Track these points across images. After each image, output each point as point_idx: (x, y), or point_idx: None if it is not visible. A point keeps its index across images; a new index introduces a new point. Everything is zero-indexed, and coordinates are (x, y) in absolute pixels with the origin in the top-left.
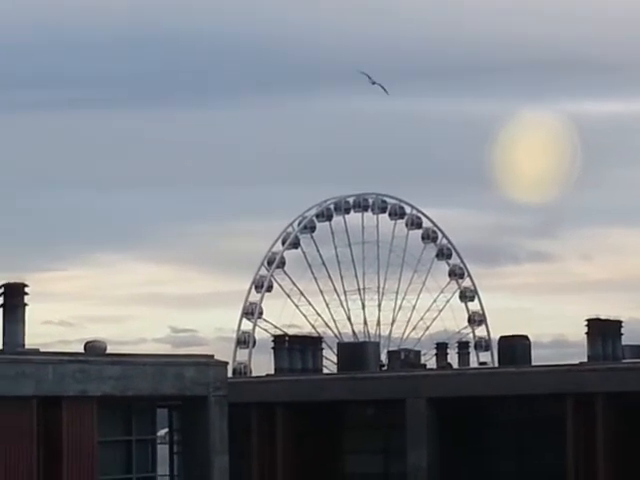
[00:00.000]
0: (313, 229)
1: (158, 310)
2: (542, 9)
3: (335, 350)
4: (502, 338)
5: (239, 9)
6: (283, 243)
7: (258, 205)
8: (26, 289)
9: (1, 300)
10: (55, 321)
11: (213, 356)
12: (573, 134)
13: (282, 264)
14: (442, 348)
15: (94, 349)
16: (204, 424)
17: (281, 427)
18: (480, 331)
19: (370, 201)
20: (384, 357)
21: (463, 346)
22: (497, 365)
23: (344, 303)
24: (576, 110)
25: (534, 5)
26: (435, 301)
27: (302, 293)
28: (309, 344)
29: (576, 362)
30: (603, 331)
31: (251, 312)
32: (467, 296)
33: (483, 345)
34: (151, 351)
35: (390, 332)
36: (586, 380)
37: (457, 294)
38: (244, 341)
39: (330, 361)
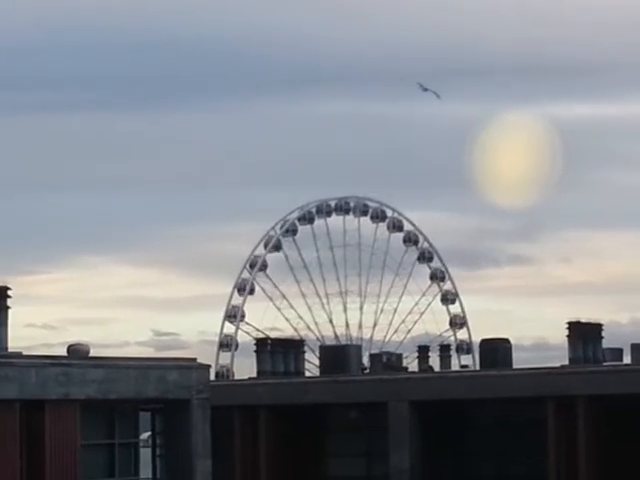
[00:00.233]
0: (295, 232)
1: (141, 313)
2: (524, 12)
3: (317, 353)
4: (483, 341)
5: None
6: (265, 246)
7: (240, 208)
8: (9, 292)
9: None
10: (38, 324)
11: (196, 359)
12: (554, 137)
13: (264, 267)
14: (424, 351)
15: (77, 352)
16: (187, 427)
17: (264, 430)
18: (461, 334)
19: (351, 204)
20: (366, 360)
21: (445, 349)
22: (478, 368)
23: (326, 306)
24: (556, 113)
25: (516, 9)
26: (417, 304)
27: (284, 296)
28: (291, 347)
29: (557, 365)
30: (584, 334)
31: (233, 315)
32: (448, 299)
33: (464, 348)
34: (134, 354)
35: (372, 335)
36: (567, 383)
37: (438, 297)
38: (226, 344)
39: (312, 364)
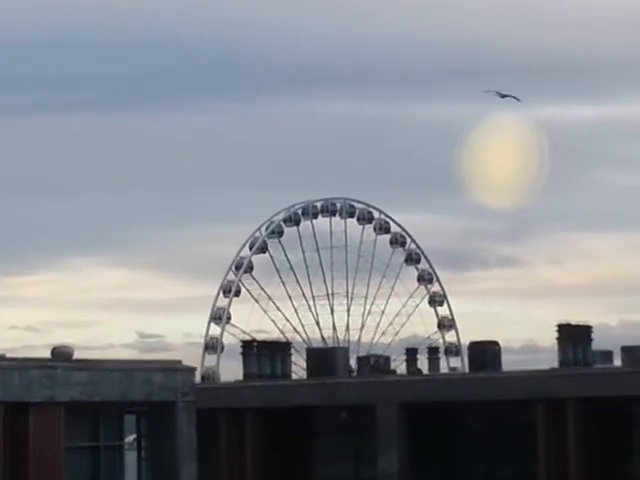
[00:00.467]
0: (281, 234)
1: (125, 315)
2: (524, 12)
3: (304, 355)
4: (472, 343)
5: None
6: (251, 248)
7: (225, 210)
8: None
9: None
10: (21, 326)
11: (181, 362)
12: (543, 138)
13: (250, 269)
14: (412, 353)
15: (61, 355)
16: (172, 430)
17: (250, 433)
18: (450, 336)
19: (338, 206)
20: (353, 363)
21: (433, 351)
22: (467, 370)
23: (312, 308)
24: (546, 114)
25: (516, 9)
26: (404, 306)
27: (270, 298)
28: (278, 349)
29: (546, 368)
30: (573, 336)
31: (219, 317)
32: (436, 301)
33: (453, 350)
34: (118, 357)
35: (359, 337)
36: (557, 386)
37: (426, 299)
38: (212, 346)
39: (299, 367)
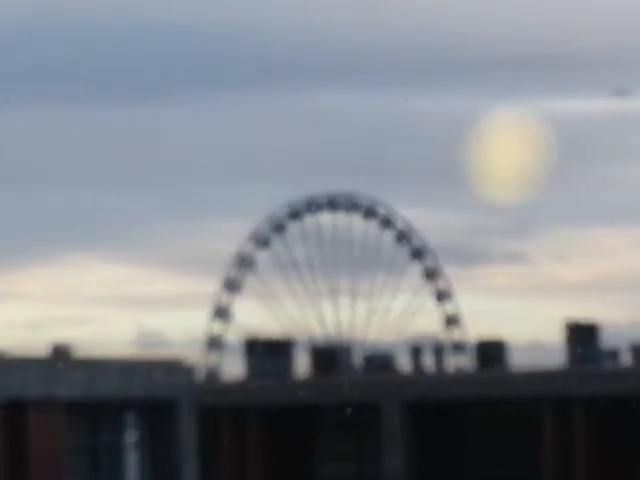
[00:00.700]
0: (284, 229)
1: (126, 312)
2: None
3: (308, 353)
4: (478, 341)
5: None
6: (253, 243)
7: (228, 204)
8: None
9: None
10: (20, 323)
11: (182, 359)
12: (549, 132)
13: (253, 265)
14: (417, 351)
15: (60, 352)
16: (173, 429)
17: (253, 431)
18: (456, 334)
19: (342, 201)
20: (358, 360)
21: (439, 349)
22: (473, 369)
23: (316, 305)
24: (552, 108)
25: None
26: (410, 303)
27: (273, 295)
28: (281, 347)
29: (554, 366)
30: (581, 334)
31: (221, 314)
32: (442, 298)
33: (459, 348)
34: (119, 354)
35: (364, 335)
36: (564, 384)
37: (432, 296)
38: (214, 344)
39: (303, 365)
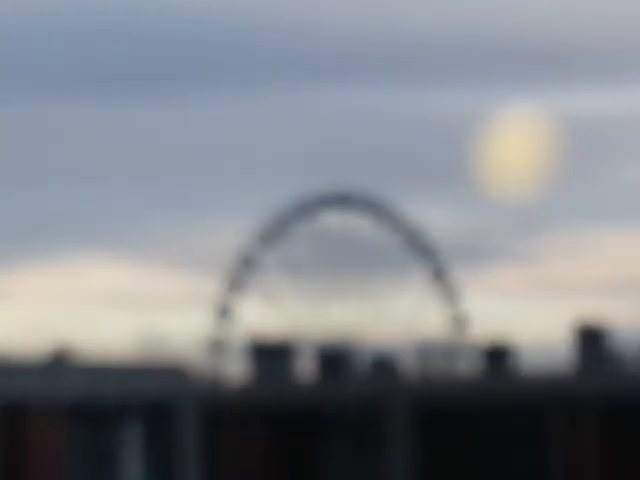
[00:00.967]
0: (290, 228)
1: (127, 312)
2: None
3: (313, 355)
4: (488, 343)
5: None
6: (258, 243)
7: (232, 202)
8: None
9: None
10: (19, 324)
11: (185, 362)
12: (560, 129)
13: (257, 265)
14: (424, 353)
15: (61, 355)
16: (175, 432)
17: (256, 434)
18: (464, 336)
19: (350, 200)
20: (364, 362)
21: (446, 351)
22: (482, 371)
23: (322, 306)
24: (563, 104)
25: None
26: (417, 304)
27: (278, 295)
28: (286, 349)
29: (565, 369)
30: (593, 335)
31: (224, 315)
32: (451, 299)
33: (467, 350)
34: (120, 356)
35: (370, 337)
36: (576, 388)
37: (440, 296)
38: (217, 345)
39: (308, 367)
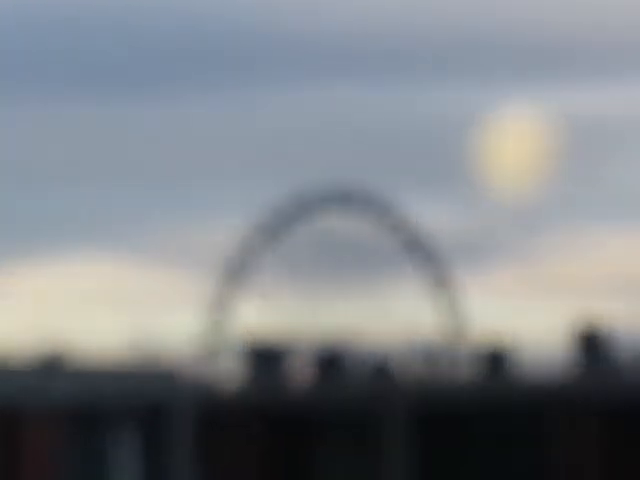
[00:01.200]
0: (288, 227)
1: (121, 314)
2: None
3: (311, 357)
4: (486, 344)
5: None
6: (257, 242)
7: (229, 201)
8: None
9: None
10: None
11: (180, 364)
12: (560, 129)
13: (255, 265)
14: (423, 355)
15: (53, 357)
16: (169, 437)
17: (251, 438)
18: (463, 336)
19: (350, 200)
20: (361, 364)
21: (445, 353)
22: (480, 372)
23: (320, 307)
24: (563, 104)
25: None
26: (417, 306)
27: (276, 296)
28: (283, 350)
29: (566, 371)
30: (593, 336)
31: (222, 315)
32: (450, 299)
33: (467, 352)
34: (115, 358)
35: (367, 339)
36: (576, 391)
37: (439, 298)
38: (214, 346)
39: (305, 368)
